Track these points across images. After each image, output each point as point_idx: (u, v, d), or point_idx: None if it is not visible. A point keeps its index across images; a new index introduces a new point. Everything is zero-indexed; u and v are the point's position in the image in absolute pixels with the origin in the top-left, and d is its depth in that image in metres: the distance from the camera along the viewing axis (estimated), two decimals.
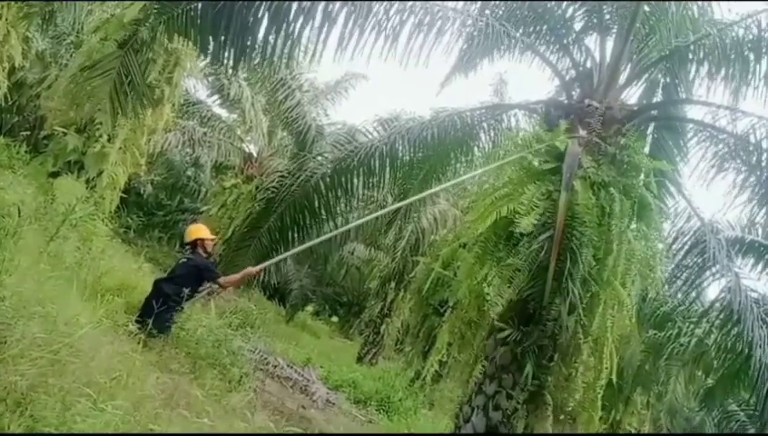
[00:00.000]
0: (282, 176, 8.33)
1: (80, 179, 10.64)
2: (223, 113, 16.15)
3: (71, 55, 11.93)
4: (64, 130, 10.58)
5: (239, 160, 14.46)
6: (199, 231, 6.30)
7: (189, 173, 19.50)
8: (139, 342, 4.86)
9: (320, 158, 8.09)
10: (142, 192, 18.61)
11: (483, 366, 5.46)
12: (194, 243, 6.16)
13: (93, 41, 10.03)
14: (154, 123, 11.73)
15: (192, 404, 3.21)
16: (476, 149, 7.56)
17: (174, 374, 4.21)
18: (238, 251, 8.75)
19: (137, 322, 5.16)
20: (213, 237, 6.49)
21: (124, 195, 12.95)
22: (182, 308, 5.68)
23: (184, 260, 6.17)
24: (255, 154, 14.36)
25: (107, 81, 7.80)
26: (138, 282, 7.93)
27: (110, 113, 8.56)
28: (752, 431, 6.59)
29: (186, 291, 5.60)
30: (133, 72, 7.94)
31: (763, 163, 5.22)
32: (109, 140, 10.72)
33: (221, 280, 6.10)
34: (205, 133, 14.38)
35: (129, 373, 3.67)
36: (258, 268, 6.53)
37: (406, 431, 7.35)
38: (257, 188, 12.56)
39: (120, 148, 11.12)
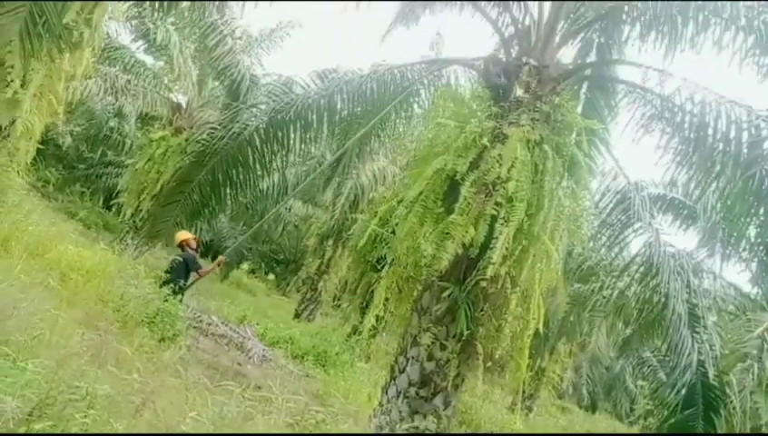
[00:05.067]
0: (214, 128, 7.97)
1: None
2: (149, 59, 15.21)
3: None
4: None
5: (166, 110, 13.68)
6: (181, 235, 8.53)
7: (111, 123, 18.36)
8: (61, 300, 4.62)
9: (254, 109, 7.78)
10: (61, 143, 17.45)
11: (418, 319, 5.58)
12: (181, 245, 8.66)
13: None
14: (73, 69, 10.87)
15: (121, 361, 3.09)
16: (415, 105, 7.51)
17: (102, 332, 4.04)
18: (167, 206, 8.40)
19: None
20: (194, 237, 8.80)
21: (41, 146, 12.05)
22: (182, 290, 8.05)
23: (176, 257, 8.69)
24: (184, 105, 13.63)
25: (17, 20, 7.12)
26: (61, 239, 7.51)
27: (21, 55, 7.86)
28: (661, 374, 7.16)
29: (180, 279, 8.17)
30: (48, 11, 7.27)
31: (686, 125, 5.48)
32: (22, 85, 9.86)
33: (200, 271, 8.72)
34: (129, 81, 13.47)
35: (52, 331, 3.49)
36: (225, 257, 9.63)
37: (343, 384, 7.48)
38: (186, 141, 11.99)
39: (35, 95, 10.26)
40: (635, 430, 19.88)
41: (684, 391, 5.16)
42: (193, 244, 8.88)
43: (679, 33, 5.54)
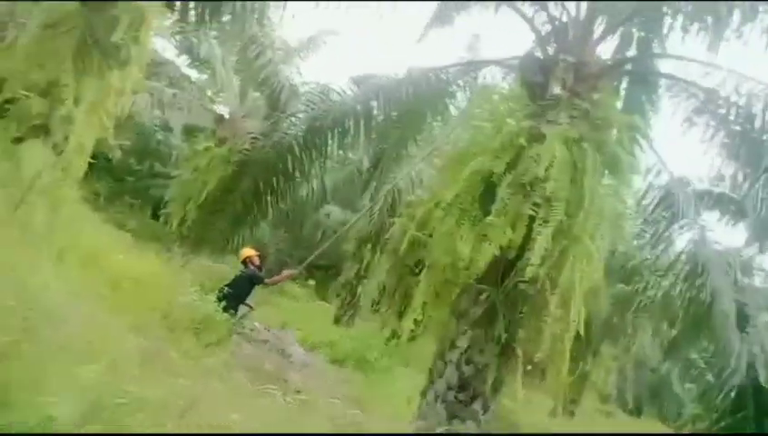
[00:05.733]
0: (255, 138, 8.20)
1: (46, 144, 10.29)
2: (193, 73, 15.71)
3: (29, 13, 11.33)
4: (27, 93, 10.14)
5: (210, 122, 14.10)
6: (246, 252, 8.73)
7: (159, 136, 19.00)
8: (112, 308, 4.82)
9: (293, 118, 7.94)
10: (110, 157, 18.11)
11: (456, 322, 5.56)
12: (245, 261, 8.64)
13: None
14: (121, 85, 11.31)
15: (168, 366, 3.21)
16: (452, 107, 7.50)
17: (150, 338, 4.20)
18: (212, 214, 8.68)
19: (223, 310, 6.98)
20: (256, 254, 8.89)
21: (92, 160, 12.56)
22: (248, 305, 8.32)
23: (239, 273, 8.65)
24: (227, 116, 14.01)
25: (70, 40, 7.49)
26: (112, 249, 7.82)
27: (74, 74, 8.25)
28: (709, 377, 6.89)
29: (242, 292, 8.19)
30: (98, 30, 7.61)
31: (731, 118, 5.30)
32: (75, 103, 10.33)
33: (267, 281, 8.75)
34: (174, 95, 13.93)
35: (103, 337, 3.65)
36: (298, 270, 9.71)
37: (382, 389, 7.52)
38: (230, 151, 12.30)
39: (86, 111, 10.74)
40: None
41: (733, 395, 4.96)
42: (257, 261, 8.80)
43: (724, 22, 5.35)
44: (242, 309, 8.32)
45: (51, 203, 7.33)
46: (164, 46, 14.94)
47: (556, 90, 5.74)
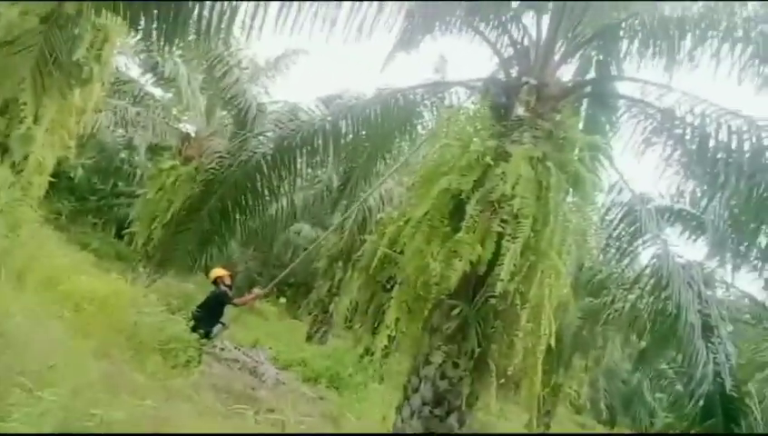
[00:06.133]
0: (222, 157, 8.13)
1: (4, 163, 10.01)
2: (158, 91, 15.51)
3: None
4: None
5: (176, 141, 13.94)
6: (216, 272, 8.76)
7: (122, 155, 18.68)
8: (75, 331, 4.69)
9: (261, 137, 7.91)
10: (72, 176, 17.72)
11: (429, 338, 5.59)
12: (216, 281, 8.67)
13: (12, 14, 9.35)
14: (83, 103, 11.12)
15: (134, 388, 3.14)
16: (419, 127, 7.61)
17: (115, 360, 4.09)
18: (179, 233, 8.51)
19: (192, 330, 7.05)
20: (228, 273, 8.89)
21: (54, 180, 12.27)
22: (222, 323, 8.29)
23: (210, 293, 8.67)
24: (193, 135, 13.87)
25: (29, 58, 7.35)
26: (74, 270, 7.61)
27: (33, 92, 8.07)
28: (678, 386, 7.07)
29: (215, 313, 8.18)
30: (58, 48, 7.48)
31: (687, 137, 5.52)
32: (35, 121, 10.10)
33: (236, 301, 8.74)
34: (139, 113, 13.75)
35: (66, 361, 3.55)
36: (267, 288, 9.45)
37: (357, 406, 7.48)
38: (196, 169, 12.16)
39: (47, 130, 10.50)
40: None
41: (702, 403, 5.10)
42: (228, 281, 8.78)
43: (677, 46, 5.60)
44: (217, 328, 8.21)
45: (10, 224, 7.11)
46: (127, 64, 14.78)
47: (520, 111, 5.90)
